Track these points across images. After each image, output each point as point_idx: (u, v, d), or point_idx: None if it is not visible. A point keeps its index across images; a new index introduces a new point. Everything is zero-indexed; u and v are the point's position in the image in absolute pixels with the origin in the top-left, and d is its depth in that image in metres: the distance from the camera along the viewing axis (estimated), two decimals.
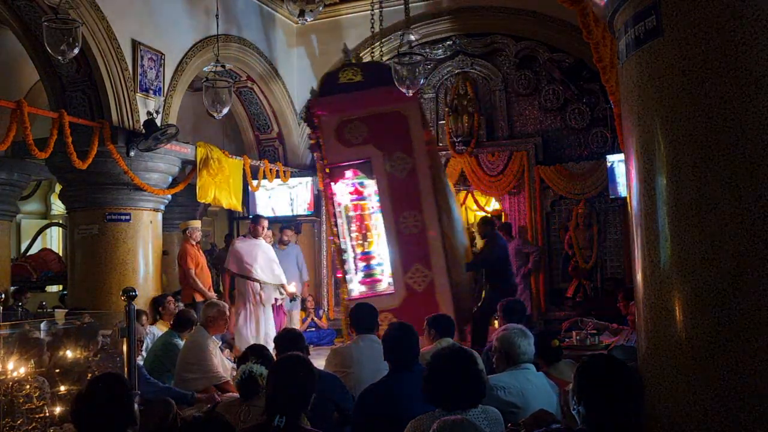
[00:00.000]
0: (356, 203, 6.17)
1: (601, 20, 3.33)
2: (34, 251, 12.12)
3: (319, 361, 4.56)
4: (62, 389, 3.57)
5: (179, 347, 5.49)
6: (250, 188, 9.44)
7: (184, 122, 8.89)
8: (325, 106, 5.76)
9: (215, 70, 8.17)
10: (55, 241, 13.55)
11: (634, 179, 2.66)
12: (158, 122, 7.39)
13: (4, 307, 5.05)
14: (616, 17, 2.80)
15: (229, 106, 7.82)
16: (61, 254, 11.92)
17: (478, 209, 11.64)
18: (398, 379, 3.36)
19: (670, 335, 2.43)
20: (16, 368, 3.55)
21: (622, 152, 3.83)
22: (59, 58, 5.74)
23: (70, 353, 3.86)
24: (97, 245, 7.31)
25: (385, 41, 8.46)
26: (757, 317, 2.16)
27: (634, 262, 2.71)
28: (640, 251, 2.62)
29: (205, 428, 2.24)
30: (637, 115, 2.60)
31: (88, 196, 7.38)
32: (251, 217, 7.83)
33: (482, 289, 8.18)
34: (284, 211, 10.51)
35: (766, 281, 2.15)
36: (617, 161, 8.91)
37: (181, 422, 4.41)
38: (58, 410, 3.39)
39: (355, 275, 6.05)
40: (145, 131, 7.18)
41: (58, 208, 12.81)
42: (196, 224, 8.39)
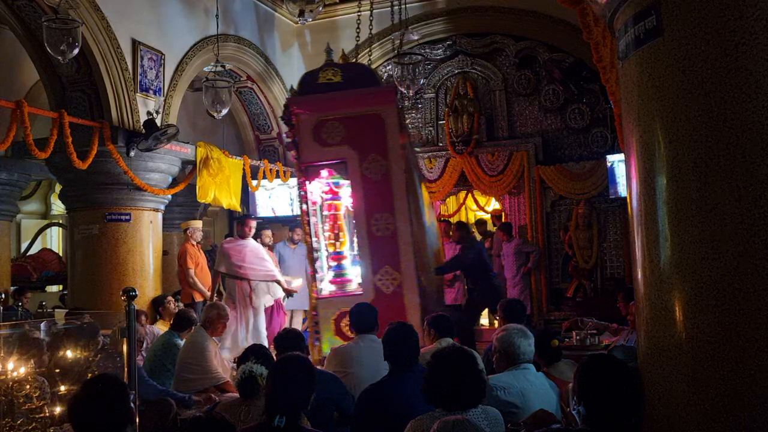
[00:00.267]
0: (330, 203, 6.22)
1: (601, 20, 3.33)
2: (34, 251, 12.12)
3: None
4: (62, 389, 3.57)
5: (179, 347, 5.49)
6: (250, 188, 9.44)
7: (184, 122, 8.90)
8: (303, 104, 5.76)
9: (215, 70, 8.19)
10: (55, 241, 13.54)
11: (634, 179, 2.66)
12: (158, 122, 7.39)
13: (4, 307, 5.05)
14: (616, 17, 2.80)
15: (229, 106, 7.84)
16: (61, 254, 11.92)
17: (478, 209, 11.64)
18: (398, 379, 3.36)
19: (670, 335, 2.43)
20: (16, 368, 3.55)
21: (622, 152, 3.84)
22: (59, 58, 5.75)
23: (70, 353, 3.86)
24: (97, 245, 7.31)
25: (385, 41, 8.46)
26: (757, 317, 2.16)
27: (634, 262, 2.71)
28: (640, 251, 2.61)
29: (205, 428, 2.24)
30: (637, 115, 2.59)
31: (88, 196, 7.38)
32: (237, 217, 7.79)
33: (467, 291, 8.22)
34: (284, 211, 10.51)
35: (766, 281, 2.15)
36: (617, 161, 8.91)
37: (180, 422, 4.41)
38: (58, 410, 3.39)
39: (325, 274, 6.09)
40: (145, 131, 7.18)
41: (58, 208, 12.80)
42: (197, 224, 8.39)
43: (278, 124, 10.55)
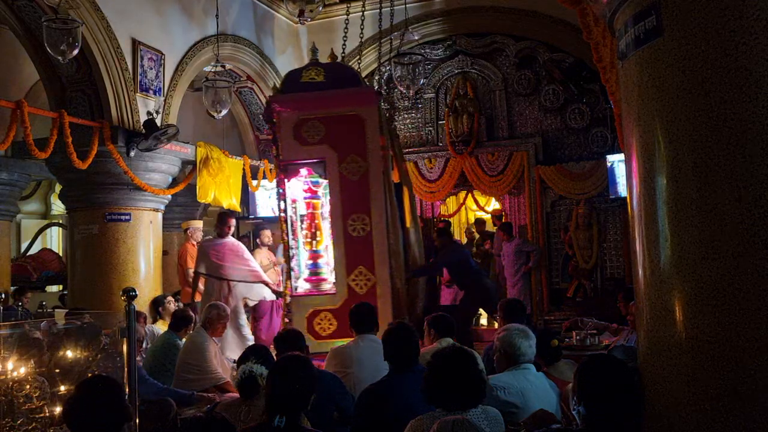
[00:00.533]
0: (309, 201, 6.27)
1: (601, 20, 3.33)
2: (34, 251, 12.12)
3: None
4: (62, 389, 3.57)
5: (178, 347, 5.49)
6: (250, 188, 9.44)
7: (184, 122, 8.89)
8: (284, 103, 5.80)
9: (215, 70, 8.19)
10: (55, 241, 13.54)
11: (634, 179, 2.66)
12: (158, 122, 7.39)
13: (4, 307, 5.05)
14: (616, 17, 2.80)
15: (229, 106, 7.85)
16: (61, 254, 11.92)
17: (478, 209, 11.64)
18: (398, 379, 3.36)
19: (670, 335, 2.43)
20: (16, 368, 3.55)
21: (622, 152, 3.83)
22: (59, 58, 5.76)
23: (70, 353, 3.85)
24: (97, 245, 7.31)
25: (384, 41, 8.46)
26: (757, 317, 2.16)
27: (634, 262, 2.71)
28: (640, 251, 2.61)
29: (205, 428, 2.24)
30: (637, 115, 2.59)
31: (88, 196, 7.38)
32: (218, 215, 7.69)
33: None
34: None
35: (766, 281, 2.15)
36: (617, 161, 8.91)
37: (181, 422, 4.41)
38: (58, 410, 3.38)
39: (301, 272, 6.11)
40: (145, 131, 7.18)
41: (58, 208, 12.80)
42: (198, 224, 8.40)
43: None
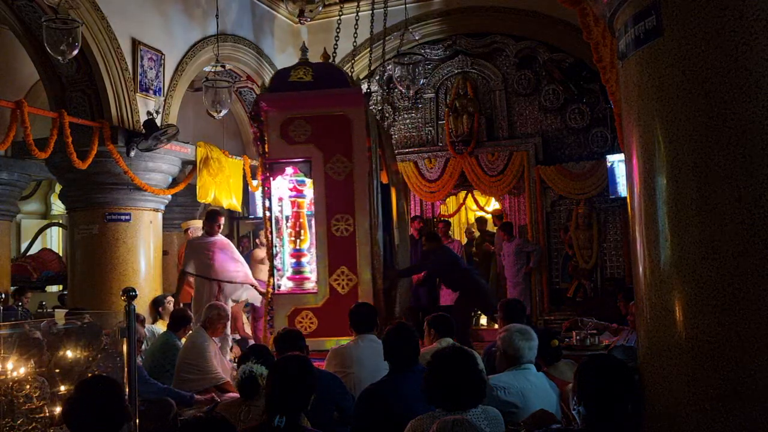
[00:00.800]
0: (294, 200, 6.29)
1: (601, 20, 3.33)
2: (34, 251, 12.12)
3: None
4: (62, 389, 3.57)
5: (178, 347, 5.49)
6: (250, 188, 9.44)
7: (184, 122, 8.89)
8: (272, 101, 5.83)
9: (215, 70, 8.19)
10: (55, 241, 13.54)
11: (634, 179, 2.66)
12: (158, 122, 7.39)
13: (4, 307, 5.05)
14: (616, 17, 2.80)
15: (229, 106, 7.85)
16: (61, 254, 11.92)
17: (478, 209, 11.64)
18: (398, 379, 3.36)
19: (670, 335, 2.43)
20: (16, 368, 3.55)
21: (622, 152, 3.84)
22: (59, 58, 5.76)
23: (70, 353, 3.85)
24: (97, 245, 7.31)
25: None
26: (757, 317, 2.16)
27: (634, 262, 2.71)
28: (640, 251, 2.62)
29: (205, 428, 2.24)
30: (637, 115, 2.60)
31: (88, 196, 7.38)
32: (207, 213, 7.63)
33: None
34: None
35: (766, 281, 2.15)
36: (617, 161, 8.91)
37: (181, 422, 4.41)
38: (58, 410, 3.39)
39: (284, 271, 6.15)
40: (145, 131, 7.18)
41: (58, 208, 12.80)
42: (197, 224, 8.38)
43: None
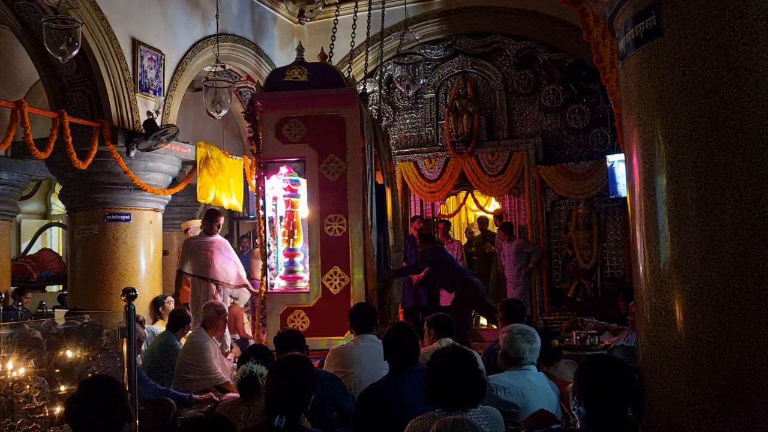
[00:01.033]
0: (288, 199, 6.32)
1: (601, 20, 3.33)
2: (34, 251, 12.12)
3: None
4: (62, 389, 3.57)
5: (177, 348, 5.48)
6: (250, 188, 9.43)
7: (184, 122, 8.89)
8: (267, 101, 5.85)
9: (215, 70, 8.18)
10: (55, 241, 13.55)
11: (634, 179, 2.66)
12: (158, 122, 7.39)
13: (4, 307, 5.05)
14: (616, 17, 2.80)
15: (228, 106, 7.84)
16: (61, 254, 11.92)
17: (478, 209, 11.64)
18: (398, 379, 3.36)
19: (670, 335, 2.43)
20: (16, 368, 3.56)
21: (622, 152, 3.84)
22: (59, 58, 5.76)
23: (70, 353, 3.86)
24: (97, 245, 7.31)
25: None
26: (757, 317, 2.16)
27: (634, 262, 2.71)
28: (640, 251, 2.62)
29: (205, 428, 2.24)
30: (637, 115, 2.60)
31: (88, 196, 7.38)
32: (206, 212, 7.60)
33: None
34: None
35: (766, 281, 2.15)
36: (617, 161, 8.90)
37: (181, 423, 4.41)
38: (58, 410, 3.39)
39: (278, 270, 6.18)
40: (145, 131, 7.18)
41: (58, 208, 12.80)
42: (197, 224, 8.38)
43: None
